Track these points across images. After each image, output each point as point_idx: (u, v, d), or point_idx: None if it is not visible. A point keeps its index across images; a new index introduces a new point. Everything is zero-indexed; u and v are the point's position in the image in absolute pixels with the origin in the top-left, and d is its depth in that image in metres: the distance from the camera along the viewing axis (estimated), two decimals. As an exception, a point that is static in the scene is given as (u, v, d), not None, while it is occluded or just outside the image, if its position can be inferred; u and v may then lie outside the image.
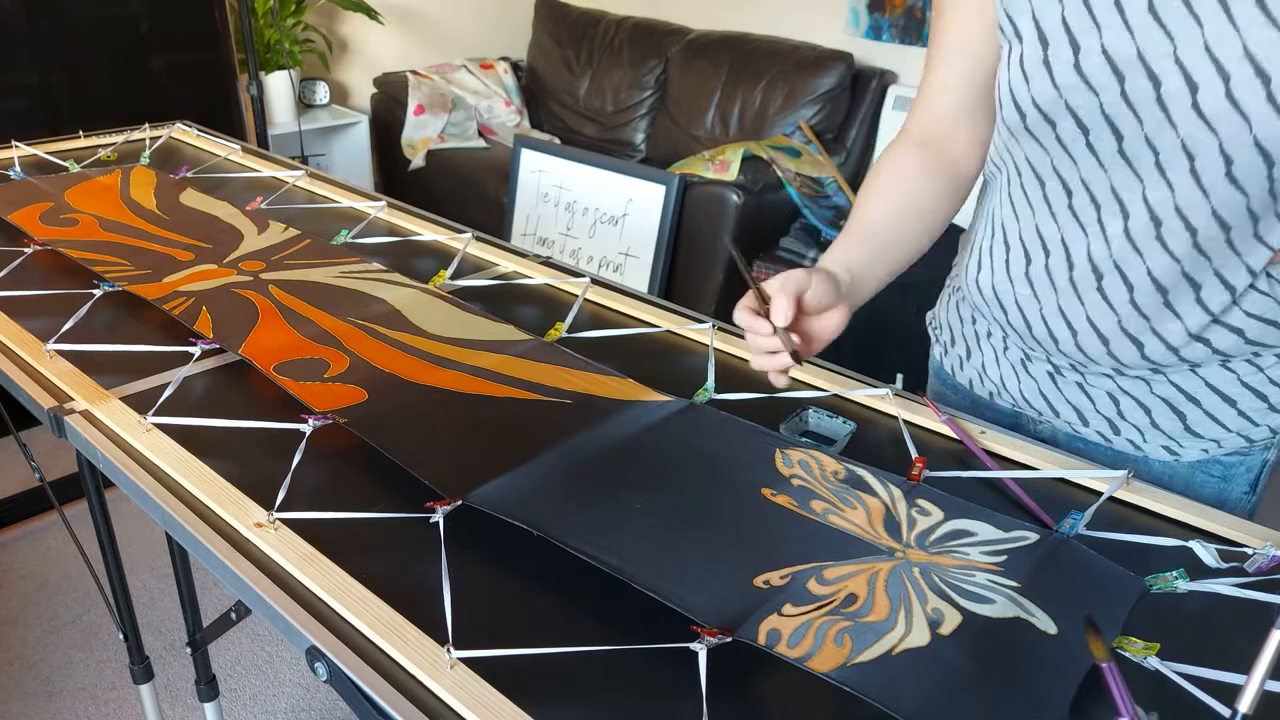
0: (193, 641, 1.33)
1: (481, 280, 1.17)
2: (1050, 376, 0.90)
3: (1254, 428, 0.84)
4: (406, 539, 0.71)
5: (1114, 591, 0.68)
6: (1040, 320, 0.85)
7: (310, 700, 1.70)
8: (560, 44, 3.65)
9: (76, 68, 2.23)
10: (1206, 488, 0.87)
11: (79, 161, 1.51)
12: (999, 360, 0.94)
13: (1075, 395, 0.89)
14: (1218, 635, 0.66)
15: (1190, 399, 0.84)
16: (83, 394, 0.86)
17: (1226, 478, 0.87)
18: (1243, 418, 0.84)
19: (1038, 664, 0.60)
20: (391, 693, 0.58)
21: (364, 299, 1.06)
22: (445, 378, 0.90)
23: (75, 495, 2.02)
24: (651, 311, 1.11)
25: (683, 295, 2.93)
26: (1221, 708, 0.58)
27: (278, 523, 0.71)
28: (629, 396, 0.89)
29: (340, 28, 3.45)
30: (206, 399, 0.88)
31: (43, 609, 1.88)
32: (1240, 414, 0.84)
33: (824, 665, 0.58)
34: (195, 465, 0.77)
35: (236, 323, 0.98)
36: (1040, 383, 0.91)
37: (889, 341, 2.25)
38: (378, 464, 0.78)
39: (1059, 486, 0.83)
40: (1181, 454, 0.87)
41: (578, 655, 0.61)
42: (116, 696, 1.68)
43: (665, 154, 3.39)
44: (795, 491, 0.76)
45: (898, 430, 0.90)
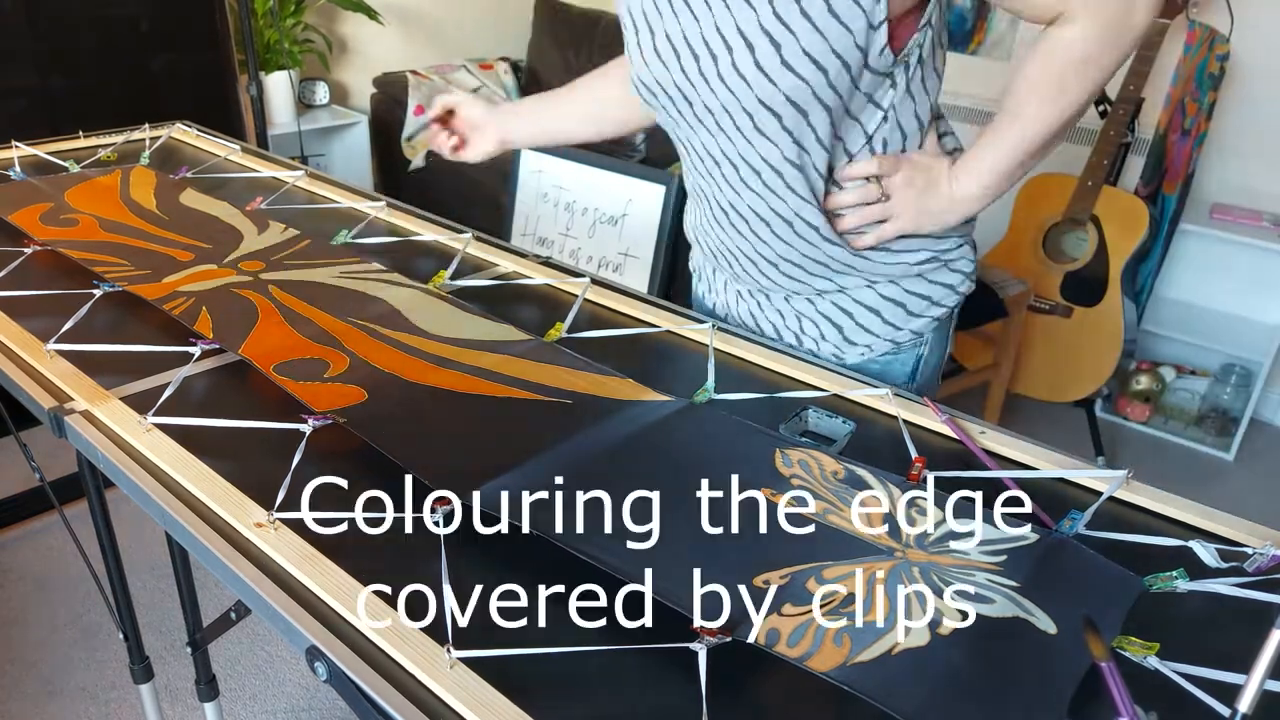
0: (193, 641, 1.33)
1: (481, 280, 1.17)
2: (750, 297, 1.09)
3: (898, 332, 1.04)
4: (406, 539, 0.71)
5: (1113, 591, 0.68)
6: (720, 254, 1.06)
7: (310, 700, 1.71)
8: (560, 44, 3.65)
9: (76, 68, 2.23)
10: (870, 369, 1.06)
11: (79, 162, 1.51)
12: (725, 289, 1.13)
13: (772, 315, 1.08)
14: (1217, 635, 0.66)
15: (845, 313, 1.03)
16: (83, 394, 0.86)
17: (884, 375, 1.05)
18: (888, 325, 1.03)
19: (1037, 664, 0.60)
20: (391, 692, 0.58)
21: (364, 299, 1.06)
22: (445, 378, 0.90)
23: (75, 495, 2.02)
24: (651, 311, 1.11)
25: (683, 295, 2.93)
26: (1221, 707, 0.58)
27: (278, 523, 0.71)
28: (629, 396, 0.89)
29: (340, 28, 3.45)
30: (206, 399, 0.88)
31: (43, 609, 1.88)
32: (885, 322, 1.03)
33: (824, 665, 0.58)
34: (195, 465, 0.77)
35: (236, 323, 0.98)
36: (749, 304, 1.10)
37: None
38: (377, 464, 0.78)
39: (1058, 486, 0.83)
40: (845, 357, 1.06)
41: (578, 655, 0.61)
42: (116, 696, 1.68)
43: (665, 154, 3.39)
44: (795, 491, 0.76)
45: (897, 430, 0.90)
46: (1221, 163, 2.73)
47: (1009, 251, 2.62)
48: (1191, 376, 2.81)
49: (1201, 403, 2.77)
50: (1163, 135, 2.53)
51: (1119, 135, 2.47)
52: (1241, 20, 2.54)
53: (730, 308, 1.13)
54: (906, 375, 1.07)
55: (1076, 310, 2.53)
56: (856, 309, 1.03)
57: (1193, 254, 2.81)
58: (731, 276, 1.09)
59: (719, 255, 1.06)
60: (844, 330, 1.04)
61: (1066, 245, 2.57)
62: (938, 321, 1.05)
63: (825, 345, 1.05)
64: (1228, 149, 2.71)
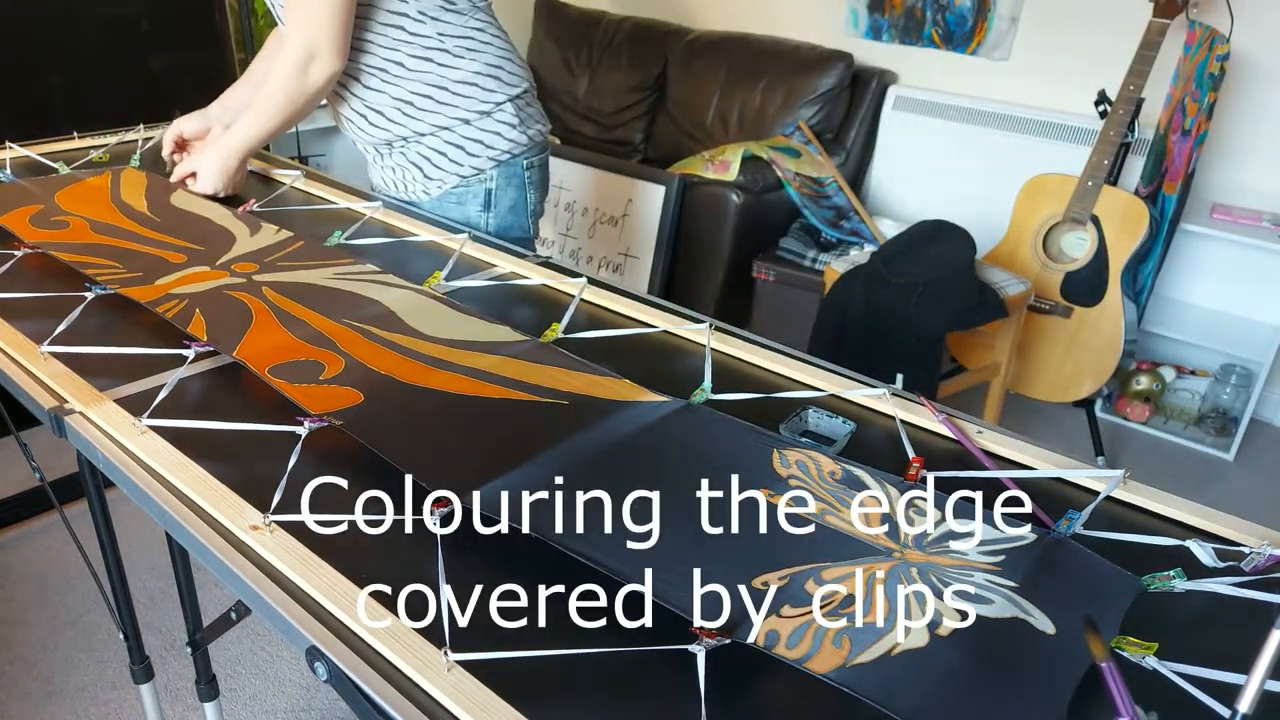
0: (193, 641, 1.33)
1: (478, 281, 1.17)
2: (375, 160, 1.47)
3: (460, 167, 1.39)
4: (403, 541, 0.71)
5: (1112, 591, 0.67)
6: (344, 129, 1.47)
7: (310, 700, 1.70)
8: (560, 44, 3.65)
9: (76, 68, 2.23)
10: (453, 209, 1.42)
11: (69, 163, 1.50)
12: (370, 163, 1.51)
13: (388, 174, 1.46)
14: (1215, 635, 0.65)
15: (424, 160, 1.40)
16: (77, 396, 0.86)
17: (462, 201, 1.42)
18: (453, 163, 1.39)
19: (1036, 664, 0.60)
20: (391, 692, 0.58)
21: (358, 300, 1.06)
22: (441, 379, 0.90)
23: (75, 495, 2.02)
24: (648, 311, 1.11)
25: (683, 295, 2.93)
26: (1221, 708, 0.58)
27: (274, 525, 0.71)
28: (625, 397, 0.89)
29: (340, 28, 3.45)
30: (201, 401, 0.88)
31: (43, 609, 1.88)
32: (452, 161, 1.39)
33: (823, 666, 0.58)
34: (191, 468, 0.77)
35: (230, 325, 0.98)
36: (374, 168, 1.49)
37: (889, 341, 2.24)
38: (376, 465, 0.78)
39: (1056, 486, 0.83)
40: (430, 192, 1.42)
41: (576, 658, 0.61)
42: (116, 696, 1.68)
43: (665, 154, 3.39)
44: (793, 492, 0.76)
45: (895, 430, 0.90)
46: (1221, 163, 2.73)
47: (1009, 251, 2.61)
48: (1191, 376, 2.81)
49: (1201, 403, 2.77)
50: (1163, 135, 2.53)
51: (1119, 135, 2.47)
52: (1241, 20, 2.54)
53: (372, 177, 1.53)
54: (480, 206, 1.42)
55: (1076, 310, 2.52)
56: (417, 158, 1.40)
57: (1193, 254, 2.80)
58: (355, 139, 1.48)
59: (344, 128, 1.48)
60: (424, 172, 1.41)
61: (1066, 245, 2.57)
62: (496, 163, 1.40)
63: (415, 187, 1.43)
64: (1228, 149, 2.71)
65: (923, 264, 2.27)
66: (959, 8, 3.01)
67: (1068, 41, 2.87)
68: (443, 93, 1.34)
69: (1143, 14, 2.50)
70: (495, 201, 1.42)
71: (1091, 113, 2.78)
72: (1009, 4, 2.92)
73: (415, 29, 1.30)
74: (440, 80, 1.34)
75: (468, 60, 1.34)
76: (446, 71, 1.33)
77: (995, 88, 3.03)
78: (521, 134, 1.40)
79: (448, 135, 1.37)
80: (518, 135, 1.40)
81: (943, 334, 2.19)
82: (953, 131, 3.09)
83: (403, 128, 1.37)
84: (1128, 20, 2.69)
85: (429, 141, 1.38)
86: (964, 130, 3.07)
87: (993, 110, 3.00)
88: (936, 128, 3.11)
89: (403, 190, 1.45)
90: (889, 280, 2.24)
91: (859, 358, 2.30)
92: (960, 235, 2.34)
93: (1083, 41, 2.84)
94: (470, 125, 1.37)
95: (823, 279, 2.58)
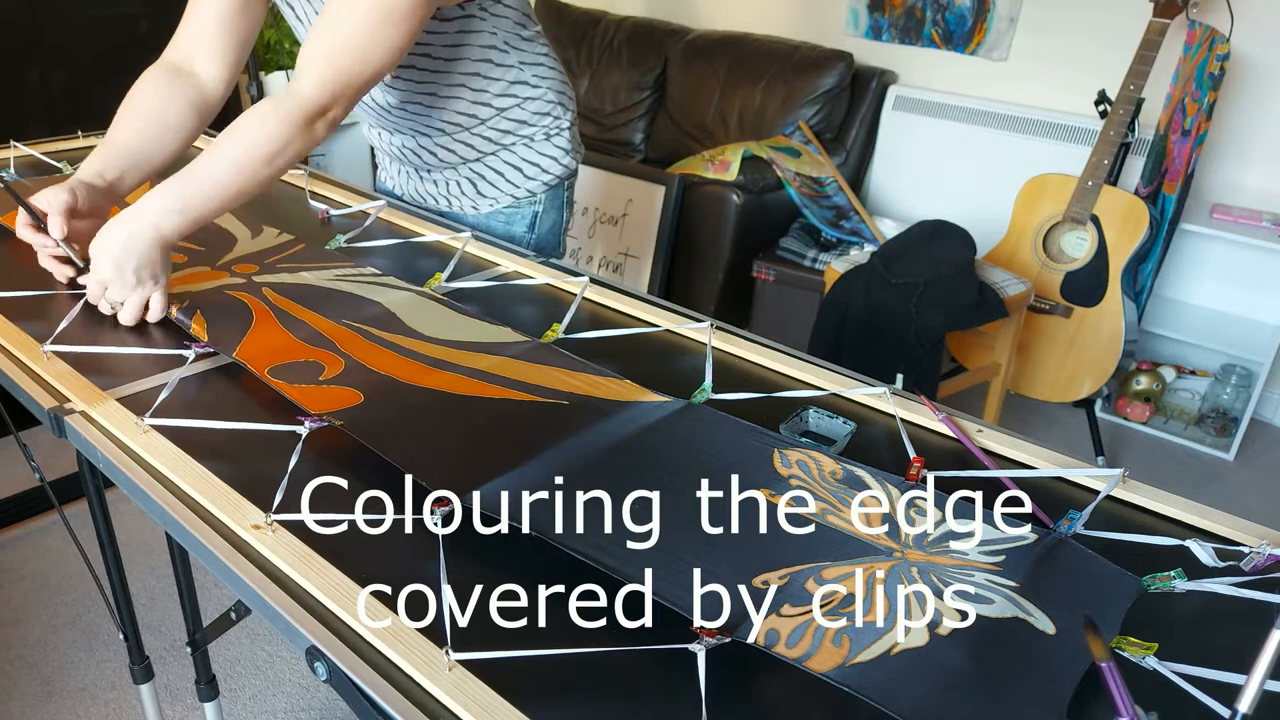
0: (193, 641, 1.33)
1: (479, 281, 1.17)
2: (414, 174, 1.43)
3: (516, 189, 1.37)
4: (404, 541, 0.71)
5: (1112, 591, 0.67)
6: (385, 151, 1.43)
7: (310, 700, 1.71)
8: (560, 44, 3.65)
9: (76, 68, 2.23)
10: (499, 227, 1.39)
11: (72, 163, 1.51)
12: (398, 173, 1.47)
13: (430, 187, 1.42)
14: (1215, 635, 0.65)
15: (480, 177, 1.37)
16: (80, 395, 0.86)
17: (510, 221, 1.39)
18: (509, 183, 1.36)
19: (1036, 664, 0.60)
20: (391, 692, 0.58)
21: (358, 301, 1.06)
22: (441, 380, 0.90)
23: (75, 495, 2.03)
24: (649, 310, 1.11)
25: (683, 295, 2.93)
26: (1221, 708, 0.58)
27: (275, 525, 0.71)
28: (626, 397, 0.89)
29: (340, 28, 3.45)
30: (203, 401, 0.88)
31: (43, 609, 1.88)
32: (509, 181, 1.36)
33: (823, 665, 0.58)
34: (193, 467, 0.77)
35: (231, 325, 0.98)
36: (413, 181, 1.44)
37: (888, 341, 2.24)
38: (376, 465, 0.78)
39: (1056, 486, 0.83)
40: (479, 209, 1.39)
41: (576, 657, 0.61)
42: (116, 696, 1.68)
43: (665, 154, 3.39)
44: (793, 492, 0.76)
45: (896, 430, 0.90)
46: (1221, 163, 2.73)
47: (1009, 251, 2.62)
48: (1191, 376, 2.81)
49: (1201, 403, 2.77)
50: (1163, 135, 2.53)
51: (1119, 135, 2.47)
52: (1241, 20, 2.54)
53: (401, 185, 1.48)
54: (527, 226, 1.40)
55: (1076, 310, 2.52)
56: (488, 173, 1.37)
57: (1193, 254, 2.81)
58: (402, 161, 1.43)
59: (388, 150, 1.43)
60: (479, 188, 1.38)
61: (1066, 245, 2.57)
62: (548, 186, 1.38)
63: (467, 201, 1.40)
64: (1228, 149, 2.71)
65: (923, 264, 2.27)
66: (959, 8, 3.01)
67: (1068, 41, 2.87)
68: (522, 126, 1.32)
69: (1143, 14, 2.50)
70: (540, 224, 1.40)
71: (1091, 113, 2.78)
72: (1008, 4, 2.93)
73: (501, 60, 1.26)
74: (521, 115, 1.32)
75: (543, 88, 1.32)
76: (527, 104, 1.31)
77: (995, 88, 3.03)
78: (572, 160, 1.39)
79: (506, 155, 1.34)
80: (569, 161, 1.39)
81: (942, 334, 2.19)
82: (953, 131, 3.09)
83: (473, 150, 1.34)
84: (1128, 20, 2.70)
85: (489, 161, 1.35)
86: (964, 130, 3.07)
87: (993, 110, 3.00)
88: (937, 128, 3.11)
89: (444, 204, 1.42)
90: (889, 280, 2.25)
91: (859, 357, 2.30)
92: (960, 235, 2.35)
93: (1083, 41, 2.84)
94: (531, 148, 1.35)
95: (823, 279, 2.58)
